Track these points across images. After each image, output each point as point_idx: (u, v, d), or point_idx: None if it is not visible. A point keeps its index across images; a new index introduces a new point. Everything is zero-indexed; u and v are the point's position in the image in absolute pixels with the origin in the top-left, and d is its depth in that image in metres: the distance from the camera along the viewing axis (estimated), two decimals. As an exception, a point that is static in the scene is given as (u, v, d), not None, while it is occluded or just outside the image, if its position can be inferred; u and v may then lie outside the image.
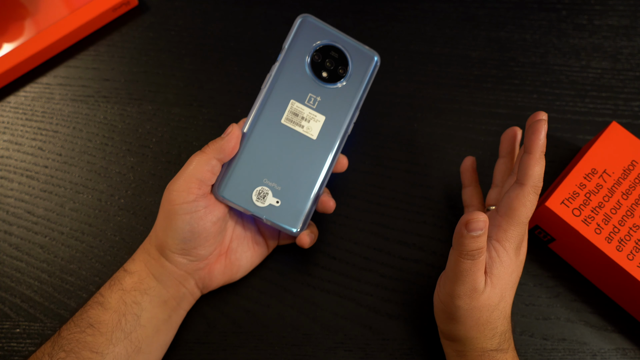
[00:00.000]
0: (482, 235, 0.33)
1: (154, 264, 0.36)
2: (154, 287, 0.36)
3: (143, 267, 0.36)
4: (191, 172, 0.35)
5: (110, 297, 0.35)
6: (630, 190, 0.41)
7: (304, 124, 0.38)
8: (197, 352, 0.40)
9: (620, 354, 0.41)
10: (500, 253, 0.35)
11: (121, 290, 0.35)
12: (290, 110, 0.38)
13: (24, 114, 0.47)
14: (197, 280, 0.38)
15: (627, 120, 0.50)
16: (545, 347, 0.41)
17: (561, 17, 0.55)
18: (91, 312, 0.34)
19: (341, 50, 0.39)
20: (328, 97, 0.39)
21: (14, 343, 0.39)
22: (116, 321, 0.34)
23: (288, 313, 0.41)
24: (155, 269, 0.36)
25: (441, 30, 0.53)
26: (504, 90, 0.51)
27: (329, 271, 0.43)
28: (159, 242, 0.36)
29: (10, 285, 0.41)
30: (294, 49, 0.39)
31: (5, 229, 0.43)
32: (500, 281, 0.34)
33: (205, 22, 0.52)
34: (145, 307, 0.35)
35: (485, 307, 0.34)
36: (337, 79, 0.39)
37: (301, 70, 0.39)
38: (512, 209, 0.35)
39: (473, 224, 0.33)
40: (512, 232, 0.35)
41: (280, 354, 0.40)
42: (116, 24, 0.51)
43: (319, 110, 0.39)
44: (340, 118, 0.39)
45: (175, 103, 0.48)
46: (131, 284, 0.35)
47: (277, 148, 0.38)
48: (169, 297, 0.36)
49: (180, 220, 0.35)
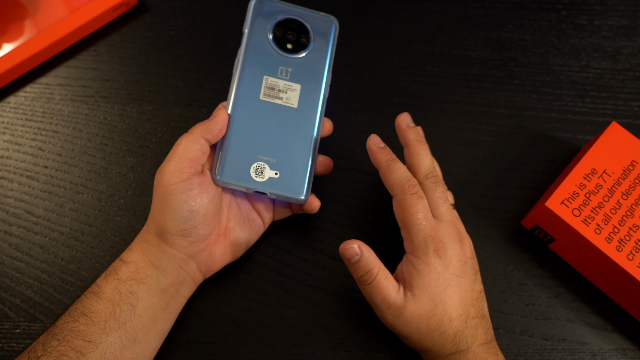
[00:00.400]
0: (361, 260, 0.34)
1: (153, 250, 0.36)
2: (151, 275, 0.35)
3: (140, 255, 0.36)
4: (181, 152, 0.35)
5: (105, 287, 0.35)
6: (630, 190, 0.41)
7: (282, 96, 0.40)
8: (197, 352, 0.40)
9: (620, 354, 0.41)
10: (415, 263, 0.35)
11: (116, 280, 0.35)
12: (266, 86, 0.39)
13: (24, 114, 0.47)
14: (199, 263, 0.37)
15: (627, 120, 0.50)
16: (545, 347, 0.41)
17: (561, 17, 0.55)
18: (85, 301, 0.34)
19: (299, 21, 0.41)
20: (298, 66, 0.40)
21: (14, 343, 0.39)
22: (110, 310, 0.34)
23: (288, 313, 0.41)
24: (155, 256, 0.36)
25: (441, 30, 0.53)
26: (504, 90, 0.51)
27: (329, 271, 0.43)
28: (157, 227, 0.36)
29: (10, 286, 0.41)
30: (255, 30, 0.40)
31: (5, 229, 0.43)
32: (425, 290, 0.34)
33: (205, 22, 0.52)
34: (142, 297, 0.35)
35: (418, 318, 0.34)
36: (302, 47, 0.41)
37: (266, 47, 0.40)
38: (400, 219, 0.36)
39: (346, 252, 0.35)
40: (416, 240, 0.35)
41: (280, 354, 0.40)
42: (116, 24, 0.51)
43: (293, 80, 0.40)
44: (315, 83, 0.41)
45: (175, 103, 0.48)
46: (127, 273, 0.35)
47: (262, 123, 0.39)
48: (168, 284, 0.36)
49: (177, 200, 0.35)
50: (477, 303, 0.36)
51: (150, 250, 0.36)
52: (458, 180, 0.47)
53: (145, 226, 0.37)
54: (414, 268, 0.35)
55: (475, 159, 0.48)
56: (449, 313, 0.34)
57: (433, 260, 0.35)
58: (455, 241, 0.36)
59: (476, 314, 0.35)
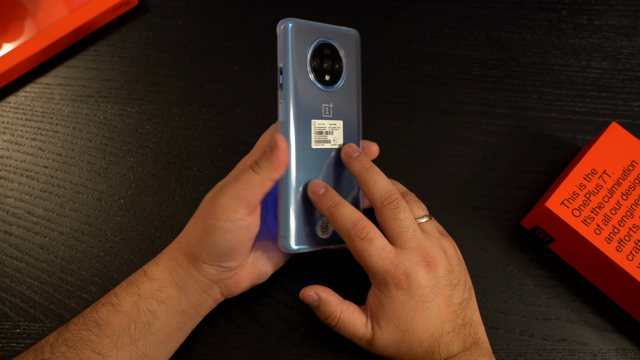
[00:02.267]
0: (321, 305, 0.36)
1: (181, 272, 0.35)
2: (173, 296, 0.35)
3: (167, 274, 0.35)
4: (241, 192, 0.33)
5: (124, 300, 0.34)
6: (630, 190, 0.41)
7: (329, 138, 0.37)
8: (197, 352, 0.40)
9: (620, 354, 0.41)
10: (379, 297, 0.35)
11: (137, 295, 0.34)
12: (315, 131, 0.36)
13: (24, 114, 0.47)
14: (223, 288, 0.37)
15: (627, 121, 0.50)
16: (545, 347, 0.41)
17: (561, 17, 0.55)
18: (101, 311, 0.34)
19: (332, 45, 0.37)
20: (337, 99, 0.37)
21: (14, 343, 0.39)
22: (125, 325, 0.33)
23: (288, 313, 0.41)
24: (181, 278, 0.35)
25: (441, 30, 0.53)
26: (504, 90, 0.51)
27: (330, 272, 0.43)
28: (191, 252, 0.35)
29: (10, 286, 0.41)
30: (293, 64, 0.35)
31: (5, 229, 0.43)
32: (391, 322, 0.35)
33: (205, 22, 0.52)
34: (160, 316, 0.34)
35: (388, 346, 0.35)
36: (338, 77, 0.37)
37: (307, 84, 0.36)
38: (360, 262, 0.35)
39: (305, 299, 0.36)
40: (376, 278, 0.35)
41: (280, 354, 0.40)
42: (116, 24, 0.51)
43: (335, 116, 0.37)
44: (353, 113, 0.38)
45: (175, 103, 0.48)
46: (149, 290, 0.34)
47: (318, 173, 0.36)
48: (189, 305, 0.35)
49: (220, 237, 0.34)
50: (456, 316, 0.35)
51: (177, 272, 0.35)
52: (458, 180, 0.47)
53: (177, 243, 0.36)
54: (379, 301, 0.35)
55: (475, 159, 0.48)
56: (419, 337, 0.35)
57: (395, 294, 0.34)
58: (421, 268, 0.35)
59: (452, 328, 0.35)
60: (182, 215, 0.44)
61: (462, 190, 0.46)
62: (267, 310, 0.41)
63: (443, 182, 0.46)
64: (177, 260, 0.35)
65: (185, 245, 0.35)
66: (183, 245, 0.36)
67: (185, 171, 0.46)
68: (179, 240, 0.36)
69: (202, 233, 0.34)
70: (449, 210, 0.45)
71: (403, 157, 0.47)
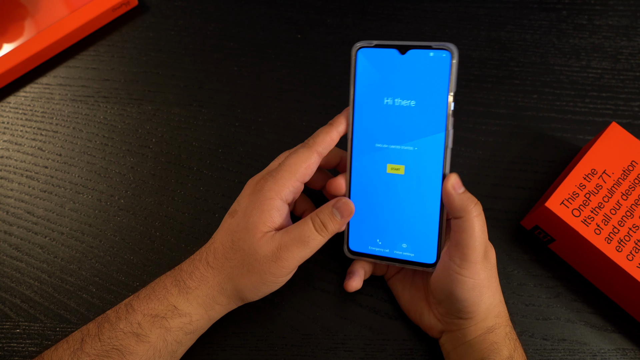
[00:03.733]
0: None
1: (219, 309, 0.35)
2: (203, 327, 0.35)
3: (201, 310, 0.34)
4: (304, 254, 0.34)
5: (150, 332, 0.33)
6: (630, 190, 0.41)
7: None
8: (197, 352, 0.40)
9: (620, 354, 0.41)
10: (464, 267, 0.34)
11: (165, 329, 0.33)
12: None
13: (24, 114, 0.47)
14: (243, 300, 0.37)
15: (627, 121, 0.50)
16: (545, 347, 0.41)
17: (561, 17, 0.55)
18: (125, 340, 0.32)
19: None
20: None
21: (14, 343, 0.39)
22: (150, 355, 0.33)
23: (288, 313, 0.41)
24: (217, 312, 0.35)
25: (441, 30, 0.53)
26: (504, 90, 0.51)
27: (329, 271, 0.43)
28: (238, 295, 0.35)
29: (10, 286, 0.41)
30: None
31: (5, 229, 0.43)
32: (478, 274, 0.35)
33: (205, 22, 0.52)
34: (185, 344, 0.35)
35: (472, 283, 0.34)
36: None
37: None
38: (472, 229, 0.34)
39: None
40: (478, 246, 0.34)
41: (280, 354, 0.40)
42: (116, 24, 0.51)
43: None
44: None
45: (175, 103, 0.48)
46: (179, 324, 0.34)
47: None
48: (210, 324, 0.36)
49: (268, 289, 0.35)
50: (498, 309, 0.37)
51: (215, 309, 0.35)
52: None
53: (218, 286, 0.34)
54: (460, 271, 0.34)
55: (475, 159, 0.48)
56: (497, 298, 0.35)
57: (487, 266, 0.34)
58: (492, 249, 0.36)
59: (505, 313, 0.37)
60: (182, 215, 0.44)
61: (462, 190, 0.46)
62: (268, 310, 0.41)
63: (443, 182, 0.46)
64: (215, 299, 0.35)
65: (230, 289, 0.35)
66: (227, 289, 0.35)
67: (185, 171, 0.46)
68: (219, 284, 0.35)
69: (260, 285, 0.34)
70: (449, 210, 0.45)
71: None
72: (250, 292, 0.35)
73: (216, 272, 0.34)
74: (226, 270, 0.34)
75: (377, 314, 0.42)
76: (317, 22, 0.53)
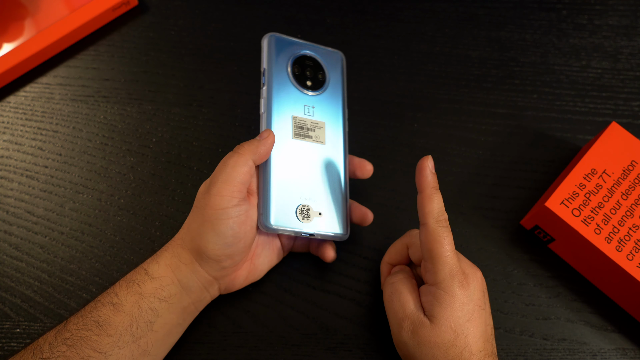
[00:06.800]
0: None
1: (184, 269, 0.35)
2: (175, 294, 0.35)
3: (169, 272, 0.35)
4: (230, 174, 0.34)
5: (125, 300, 0.33)
6: (630, 190, 0.41)
7: (311, 134, 0.40)
8: (197, 352, 0.40)
9: (620, 354, 0.41)
10: (437, 295, 0.34)
11: (138, 295, 0.34)
12: (295, 125, 0.40)
13: (24, 114, 0.47)
14: (222, 284, 0.37)
15: (627, 120, 0.50)
16: (545, 347, 0.41)
17: (561, 16, 0.55)
18: (102, 311, 0.33)
19: (314, 58, 0.42)
20: (320, 103, 0.41)
21: (14, 343, 0.39)
22: (127, 324, 0.33)
23: (288, 313, 0.41)
24: (184, 275, 0.35)
25: (441, 30, 0.53)
26: (504, 90, 0.51)
27: (329, 271, 0.43)
28: (195, 247, 0.35)
29: (10, 285, 0.41)
30: (275, 68, 0.40)
31: (5, 229, 0.43)
32: (447, 320, 0.33)
33: (205, 22, 0.52)
34: (162, 314, 0.34)
35: (435, 345, 0.33)
36: (321, 84, 0.42)
37: (288, 86, 0.41)
38: (428, 250, 0.34)
39: None
40: (442, 272, 0.34)
41: (280, 354, 0.40)
42: (116, 24, 0.51)
43: (318, 117, 0.41)
44: (337, 119, 0.42)
45: (175, 103, 0.48)
46: (151, 289, 0.34)
47: (298, 163, 0.39)
48: (190, 302, 0.36)
49: (224, 225, 0.34)
50: (492, 340, 0.35)
51: (180, 269, 0.35)
52: (458, 180, 0.47)
53: (179, 240, 0.36)
54: (435, 299, 0.34)
55: (475, 159, 0.48)
56: (470, 346, 0.33)
57: (457, 292, 0.33)
58: (476, 272, 0.35)
59: (491, 353, 0.34)
60: (182, 215, 0.44)
61: (462, 190, 0.46)
62: (267, 310, 0.41)
63: (443, 182, 0.46)
64: (180, 257, 0.35)
65: (188, 240, 0.35)
66: (186, 241, 0.36)
67: (185, 171, 0.46)
68: (180, 237, 0.36)
69: (204, 226, 0.34)
70: (449, 210, 0.45)
71: (403, 157, 0.47)
72: (202, 237, 0.34)
73: (181, 230, 0.37)
74: (186, 225, 0.36)
75: (377, 313, 0.42)
76: (317, 22, 0.53)
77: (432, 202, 0.34)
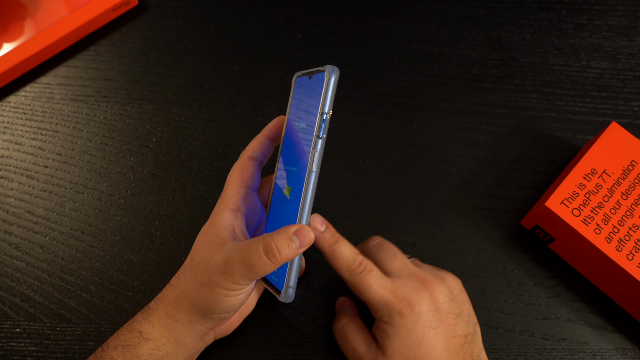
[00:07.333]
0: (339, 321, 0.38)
1: (181, 328, 0.34)
2: (172, 352, 0.34)
3: (164, 332, 0.34)
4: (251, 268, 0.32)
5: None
6: (630, 190, 0.41)
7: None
8: (197, 352, 0.40)
9: (620, 354, 0.41)
10: (384, 328, 0.34)
11: (135, 358, 0.33)
12: None
13: (24, 114, 0.47)
14: (217, 332, 0.37)
15: (627, 120, 0.50)
16: (545, 347, 0.41)
17: (561, 17, 0.55)
18: None
19: None
20: None
21: (14, 343, 0.39)
22: None
23: (288, 313, 0.41)
24: (180, 332, 0.34)
25: (441, 30, 0.53)
26: (504, 90, 0.51)
27: (329, 271, 0.43)
28: (198, 312, 0.34)
29: (10, 285, 0.41)
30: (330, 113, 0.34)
31: (5, 229, 0.43)
32: (397, 351, 0.33)
33: (205, 22, 0.52)
34: None
35: None
36: None
37: None
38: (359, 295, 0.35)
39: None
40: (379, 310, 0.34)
41: (280, 354, 0.40)
42: (116, 24, 0.51)
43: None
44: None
45: (175, 103, 0.48)
46: (148, 351, 0.33)
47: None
48: (186, 356, 0.35)
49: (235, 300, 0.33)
50: (464, 350, 0.34)
51: (177, 328, 0.34)
52: (458, 180, 0.47)
53: (173, 303, 0.34)
54: (384, 332, 0.34)
55: (475, 159, 0.48)
56: None
57: (400, 323, 0.33)
58: (420, 291, 0.34)
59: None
60: (182, 215, 0.44)
61: (462, 190, 0.46)
62: (267, 310, 0.41)
63: (443, 182, 0.46)
64: (175, 318, 0.34)
65: (186, 305, 0.34)
66: (183, 306, 0.34)
67: (185, 171, 0.46)
68: (174, 300, 0.34)
69: (214, 300, 0.33)
70: (449, 210, 0.45)
71: (403, 157, 0.47)
72: (207, 307, 0.33)
73: (173, 289, 0.35)
74: (182, 285, 0.34)
75: (377, 313, 0.42)
76: (317, 22, 0.53)
77: (337, 259, 0.35)
